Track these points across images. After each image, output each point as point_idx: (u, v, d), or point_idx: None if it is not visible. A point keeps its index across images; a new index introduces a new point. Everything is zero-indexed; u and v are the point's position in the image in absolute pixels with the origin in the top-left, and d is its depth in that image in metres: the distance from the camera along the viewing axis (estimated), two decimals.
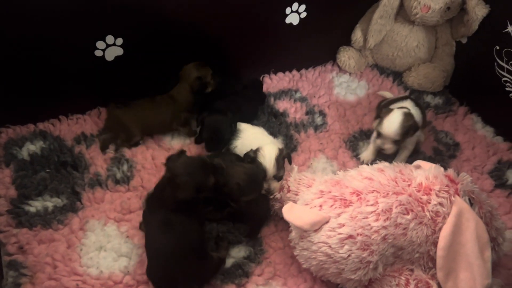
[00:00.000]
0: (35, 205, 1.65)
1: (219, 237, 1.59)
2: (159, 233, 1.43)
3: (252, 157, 1.60)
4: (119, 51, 1.82)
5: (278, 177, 1.61)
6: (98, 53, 1.79)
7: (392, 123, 1.76)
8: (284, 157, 1.63)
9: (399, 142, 1.79)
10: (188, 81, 1.87)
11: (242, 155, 1.70)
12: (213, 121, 1.79)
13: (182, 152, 1.50)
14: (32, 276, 1.47)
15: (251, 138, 1.76)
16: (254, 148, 1.64)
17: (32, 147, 1.82)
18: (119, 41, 1.79)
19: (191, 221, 1.47)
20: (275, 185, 1.60)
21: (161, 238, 1.42)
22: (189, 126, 1.95)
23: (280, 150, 1.62)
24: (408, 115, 1.76)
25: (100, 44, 1.77)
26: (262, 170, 1.57)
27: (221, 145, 1.80)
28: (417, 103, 1.92)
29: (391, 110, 1.79)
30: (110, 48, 1.80)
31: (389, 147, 1.80)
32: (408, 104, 1.88)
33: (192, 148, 1.91)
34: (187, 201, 1.43)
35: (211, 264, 1.49)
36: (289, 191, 1.60)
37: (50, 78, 1.81)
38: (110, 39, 1.77)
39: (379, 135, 1.80)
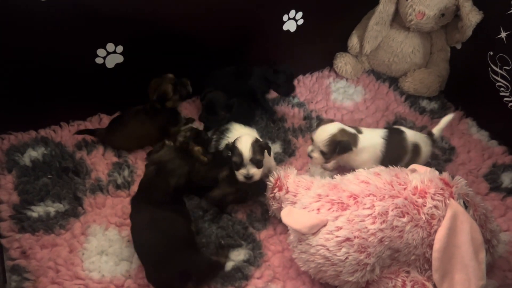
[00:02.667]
0: (37, 211, 1.67)
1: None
2: (146, 232, 1.44)
3: (230, 146, 1.63)
4: (120, 59, 1.85)
5: (256, 161, 1.61)
6: (99, 60, 1.82)
7: (324, 132, 1.67)
8: (264, 148, 1.64)
9: (326, 155, 1.68)
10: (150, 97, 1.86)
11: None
12: (211, 96, 1.87)
13: (163, 144, 1.54)
14: (35, 281, 1.49)
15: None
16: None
17: (34, 153, 1.85)
18: (120, 48, 1.82)
19: (177, 216, 1.50)
20: (254, 170, 1.61)
21: (149, 236, 1.44)
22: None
23: (257, 139, 1.65)
24: (343, 131, 1.67)
25: (100, 52, 1.81)
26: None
27: (216, 120, 1.86)
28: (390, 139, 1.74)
29: (333, 120, 1.73)
30: (111, 56, 1.83)
31: (315, 157, 1.70)
32: (380, 134, 1.76)
33: None
34: (175, 192, 1.47)
35: (205, 259, 1.52)
36: (287, 192, 1.62)
37: (51, 85, 1.84)
38: (110, 46, 1.81)
39: (312, 140, 1.72)
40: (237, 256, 1.61)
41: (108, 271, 1.54)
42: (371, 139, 1.73)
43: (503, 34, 1.90)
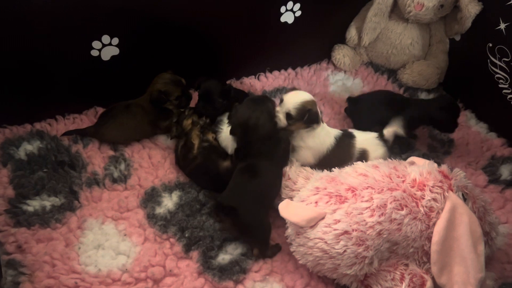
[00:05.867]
0: (33, 205, 1.66)
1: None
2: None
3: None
4: (115, 51, 1.83)
5: None
6: (94, 53, 1.80)
7: (298, 95, 1.64)
8: None
9: (291, 120, 1.61)
10: (151, 90, 1.83)
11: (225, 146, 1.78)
12: (207, 85, 1.84)
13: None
14: (31, 275, 1.48)
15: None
16: None
17: (29, 147, 1.83)
18: (115, 40, 1.80)
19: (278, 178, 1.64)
20: None
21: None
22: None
23: None
24: (315, 104, 1.64)
25: (96, 44, 1.78)
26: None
27: (214, 108, 1.84)
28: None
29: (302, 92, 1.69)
30: (106, 48, 1.81)
31: (279, 118, 1.63)
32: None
33: None
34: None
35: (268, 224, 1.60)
36: (288, 179, 1.62)
37: (46, 78, 1.82)
38: (106, 38, 1.79)
39: (281, 101, 1.66)
40: (235, 249, 1.60)
41: (104, 265, 1.53)
42: (325, 133, 1.71)
43: (502, 26, 1.89)
